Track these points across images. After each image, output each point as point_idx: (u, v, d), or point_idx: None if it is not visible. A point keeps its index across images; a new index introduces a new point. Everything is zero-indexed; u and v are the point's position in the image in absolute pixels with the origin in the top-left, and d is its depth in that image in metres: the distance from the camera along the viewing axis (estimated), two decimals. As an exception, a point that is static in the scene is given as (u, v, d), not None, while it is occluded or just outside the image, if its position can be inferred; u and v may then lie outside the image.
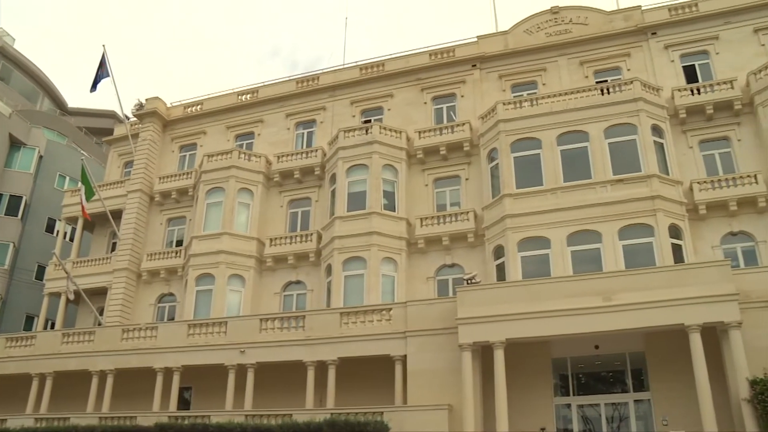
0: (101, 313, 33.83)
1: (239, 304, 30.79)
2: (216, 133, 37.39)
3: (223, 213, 32.23)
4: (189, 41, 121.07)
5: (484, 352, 21.67)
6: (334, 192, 31.03)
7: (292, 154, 33.81)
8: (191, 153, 37.89)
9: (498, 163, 28.30)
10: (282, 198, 33.67)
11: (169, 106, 39.21)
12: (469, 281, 22.69)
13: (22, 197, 42.55)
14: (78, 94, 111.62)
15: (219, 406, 24.72)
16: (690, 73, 29.81)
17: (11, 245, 41.16)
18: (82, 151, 46.27)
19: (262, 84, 37.68)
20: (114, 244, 36.76)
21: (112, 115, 58.13)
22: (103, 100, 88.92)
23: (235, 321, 26.37)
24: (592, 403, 21.98)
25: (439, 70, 33.75)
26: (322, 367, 23.98)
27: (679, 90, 28.37)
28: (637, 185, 25.73)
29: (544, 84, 31.72)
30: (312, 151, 33.52)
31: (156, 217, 36.17)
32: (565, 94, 28.32)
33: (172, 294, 33.72)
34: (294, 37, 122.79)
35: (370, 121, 33.46)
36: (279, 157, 33.92)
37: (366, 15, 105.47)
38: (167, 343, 26.43)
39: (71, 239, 40.12)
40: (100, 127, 57.12)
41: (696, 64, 29.98)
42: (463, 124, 30.97)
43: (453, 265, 28.98)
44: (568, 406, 22.11)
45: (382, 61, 35.21)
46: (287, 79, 37.50)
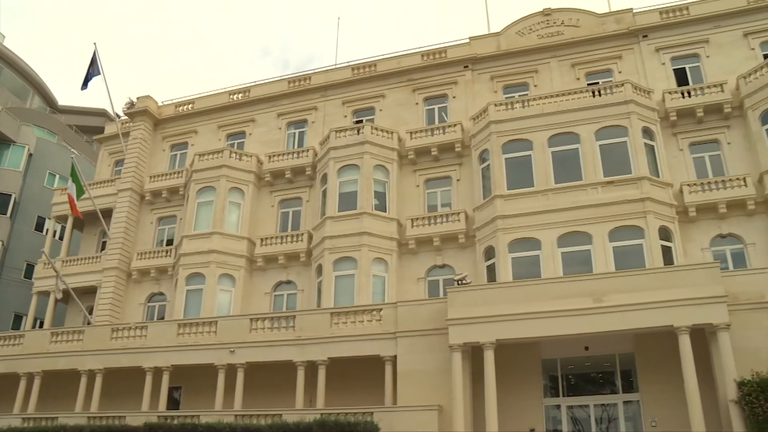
0: (90, 312, 33.63)
1: (229, 303, 30.70)
2: (207, 132, 37.28)
3: (213, 212, 32.14)
4: (181, 40, 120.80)
5: (474, 353, 21.68)
6: (325, 192, 31.00)
7: (284, 154, 33.75)
8: (182, 152, 37.75)
9: (489, 164, 28.35)
10: (273, 198, 33.60)
11: (160, 104, 39.05)
12: (459, 282, 22.69)
13: (11, 195, 42.26)
14: (68, 92, 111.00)
15: (208, 406, 24.65)
16: (681, 76, 30.01)
17: (0, 243, 40.89)
18: (73, 149, 45.80)
19: (253, 83, 37.59)
20: (104, 243, 36.54)
21: (102, 114, 57.81)
22: (94, 98, 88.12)
23: (225, 321, 26.27)
24: (582, 404, 22.04)
25: (430, 71, 33.78)
26: (312, 367, 23.95)
27: (669, 93, 28.52)
28: (628, 187, 25.84)
29: (535, 86, 31.82)
30: (303, 151, 33.47)
31: (146, 216, 36.03)
32: (557, 95, 28.39)
33: (162, 293, 33.59)
34: (286, 36, 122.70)
35: (361, 121, 33.43)
36: (270, 156, 33.85)
37: (358, 15, 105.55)
38: (157, 343, 26.30)
39: (61, 238, 39.95)
40: (90, 126, 56.78)
41: (687, 67, 30.19)
42: (455, 125, 31.01)
43: (444, 266, 29.01)
44: (558, 407, 22.17)
45: (374, 61, 35.21)
46: (279, 78, 37.46)
